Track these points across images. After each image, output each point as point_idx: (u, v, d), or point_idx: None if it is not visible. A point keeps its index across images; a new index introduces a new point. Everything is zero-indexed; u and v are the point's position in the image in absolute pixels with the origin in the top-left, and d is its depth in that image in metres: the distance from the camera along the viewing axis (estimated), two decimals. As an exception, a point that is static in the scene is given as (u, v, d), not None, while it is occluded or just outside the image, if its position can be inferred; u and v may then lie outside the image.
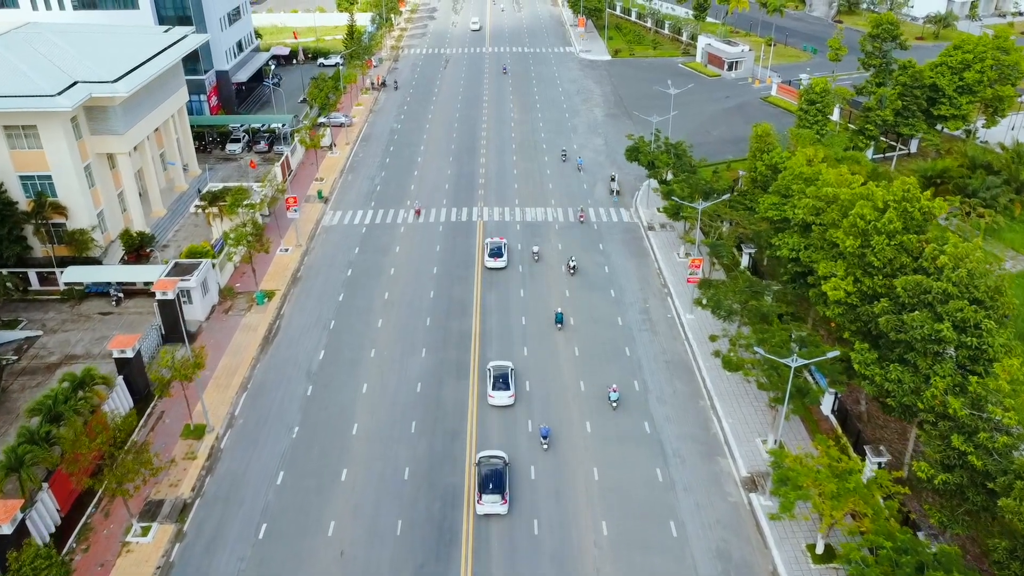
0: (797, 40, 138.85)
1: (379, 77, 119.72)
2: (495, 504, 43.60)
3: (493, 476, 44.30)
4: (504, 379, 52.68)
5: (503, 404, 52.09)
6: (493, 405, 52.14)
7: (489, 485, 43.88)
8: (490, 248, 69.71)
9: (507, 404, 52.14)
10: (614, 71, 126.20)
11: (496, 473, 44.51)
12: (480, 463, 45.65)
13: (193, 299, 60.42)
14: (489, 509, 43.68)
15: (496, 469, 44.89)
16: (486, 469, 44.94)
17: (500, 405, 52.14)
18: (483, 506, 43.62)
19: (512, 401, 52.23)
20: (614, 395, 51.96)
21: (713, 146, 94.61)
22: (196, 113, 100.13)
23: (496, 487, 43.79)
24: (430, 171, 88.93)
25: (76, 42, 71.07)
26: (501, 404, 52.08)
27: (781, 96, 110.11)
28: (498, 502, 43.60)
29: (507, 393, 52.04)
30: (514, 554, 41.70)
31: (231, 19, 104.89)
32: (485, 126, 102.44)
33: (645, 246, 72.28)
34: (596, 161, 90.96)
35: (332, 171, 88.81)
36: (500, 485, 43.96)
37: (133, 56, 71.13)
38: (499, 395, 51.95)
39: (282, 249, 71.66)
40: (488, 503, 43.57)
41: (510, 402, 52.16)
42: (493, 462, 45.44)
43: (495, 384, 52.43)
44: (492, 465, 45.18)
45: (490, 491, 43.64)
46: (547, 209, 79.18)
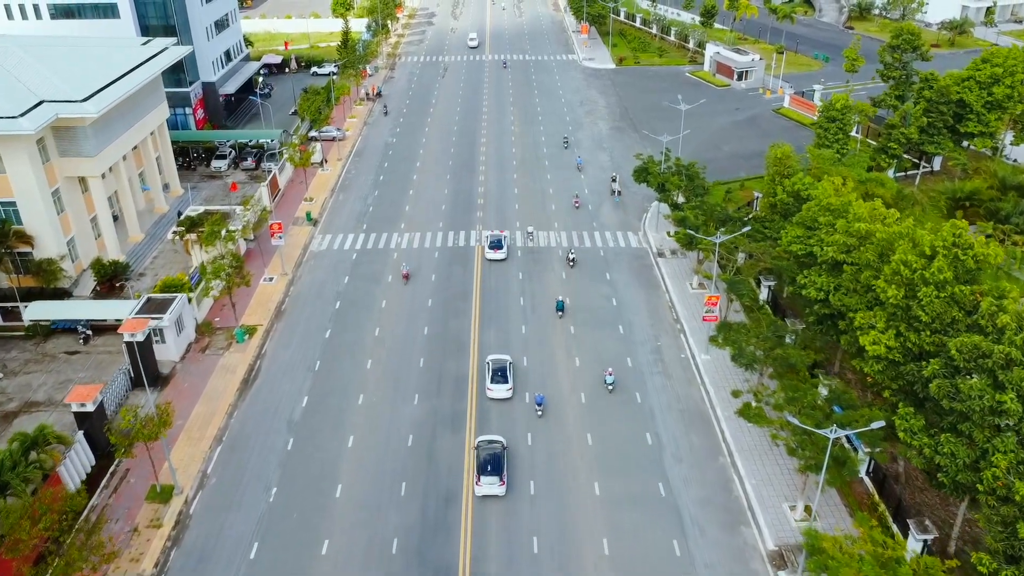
0: (808, 48, 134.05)
1: (374, 87, 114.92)
2: (493, 486, 44.28)
3: (492, 459, 45.01)
4: (503, 372, 53.06)
5: (501, 397, 52.39)
6: (492, 398, 52.45)
7: (488, 468, 44.60)
8: (490, 240, 70.44)
9: (505, 397, 52.40)
10: (619, 80, 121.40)
11: (495, 456, 45.22)
12: (479, 447, 46.23)
13: (166, 338, 55.64)
14: (487, 491, 44.34)
15: (495, 453, 45.54)
16: (485, 453, 45.50)
17: (498, 398, 52.42)
18: (481, 487, 44.36)
19: (510, 395, 52.43)
20: (609, 378, 53.11)
21: (724, 162, 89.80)
22: (181, 127, 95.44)
23: (494, 469, 44.51)
24: (426, 189, 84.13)
25: (46, 57, 66.36)
26: (499, 397, 52.39)
27: (794, 108, 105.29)
28: (496, 483, 44.31)
29: (505, 386, 52.35)
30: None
31: (218, 27, 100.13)
32: (484, 140, 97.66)
33: (655, 275, 67.47)
34: (601, 179, 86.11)
35: (322, 190, 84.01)
36: (498, 468, 44.68)
37: (107, 72, 66.44)
38: (497, 388, 52.41)
39: (266, 278, 66.85)
40: (486, 484, 44.28)
41: (508, 395, 52.41)
42: (492, 446, 46.10)
43: (494, 377, 52.82)
44: (491, 449, 45.84)
45: (488, 473, 44.37)
46: (550, 233, 74.35)
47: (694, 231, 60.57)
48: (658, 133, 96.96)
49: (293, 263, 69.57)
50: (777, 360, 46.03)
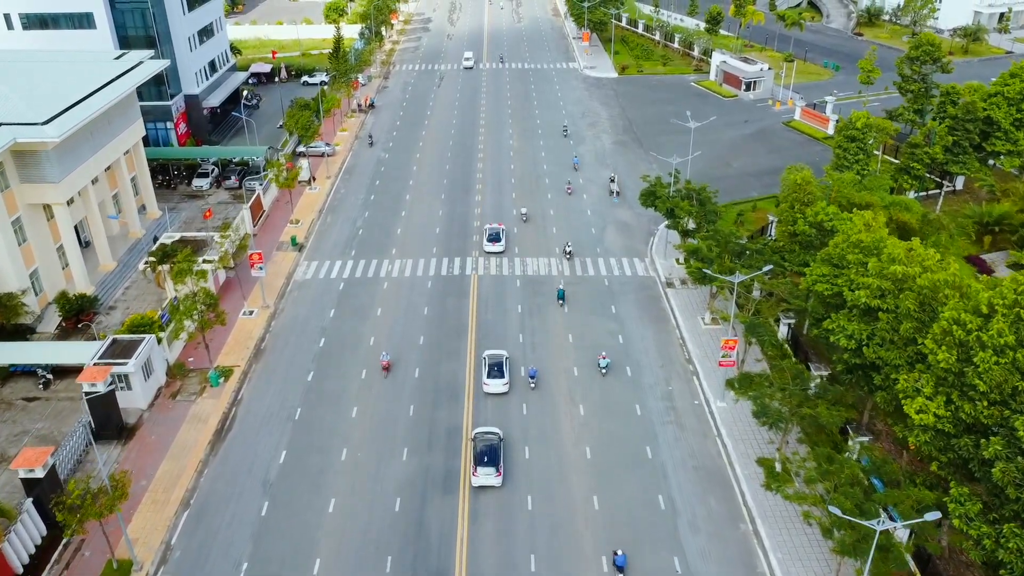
0: (817, 55, 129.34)
1: (367, 98, 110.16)
2: (489, 476, 44.59)
3: (488, 451, 45.25)
4: (499, 367, 53.19)
5: (497, 392, 52.57)
6: (488, 393, 52.53)
7: (484, 459, 44.86)
8: (488, 233, 71.67)
9: (502, 392, 52.52)
10: (621, 90, 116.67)
11: (491, 448, 45.41)
12: (476, 438, 46.48)
13: (132, 385, 50.88)
14: (484, 481, 44.66)
15: (491, 444, 45.76)
16: (482, 444, 45.79)
17: (494, 393, 52.61)
18: (478, 478, 44.59)
19: (506, 389, 52.60)
20: (603, 362, 54.34)
21: (734, 180, 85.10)
22: (162, 143, 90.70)
23: (491, 460, 44.74)
24: (419, 211, 79.37)
25: (7, 74, 61.62)
26: (495, 392, 52.59)
27: (805, 121, 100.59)
28: (492, 474, 44.58)
29: (501, 381, 52.43)
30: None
31: (202, 37, 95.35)
32: (481, 155, 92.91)
33: (664, 308, 62.74)
34: (605, 199, 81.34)
35: (309, 211, 79.22)
36: (495, 459, 44.89)
37: (73, 90, 61.68)
38: (494, 383, 52.53)
39: (246, 312, 62.10)
40: (483, 475, 44.55)
41: (504, 390, 52.56)
42: (488, 438, 46.26)
43: (490, 372, 52.93)
44: (487, 440, 46.03)
45: (485, 464, 44.65)
46: (551, 260, 69.61)
47: (708, 263, 55.87)
48: (664, 148, 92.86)
49: (276, 294, 64.80)
50: (806, 419, 41.31)
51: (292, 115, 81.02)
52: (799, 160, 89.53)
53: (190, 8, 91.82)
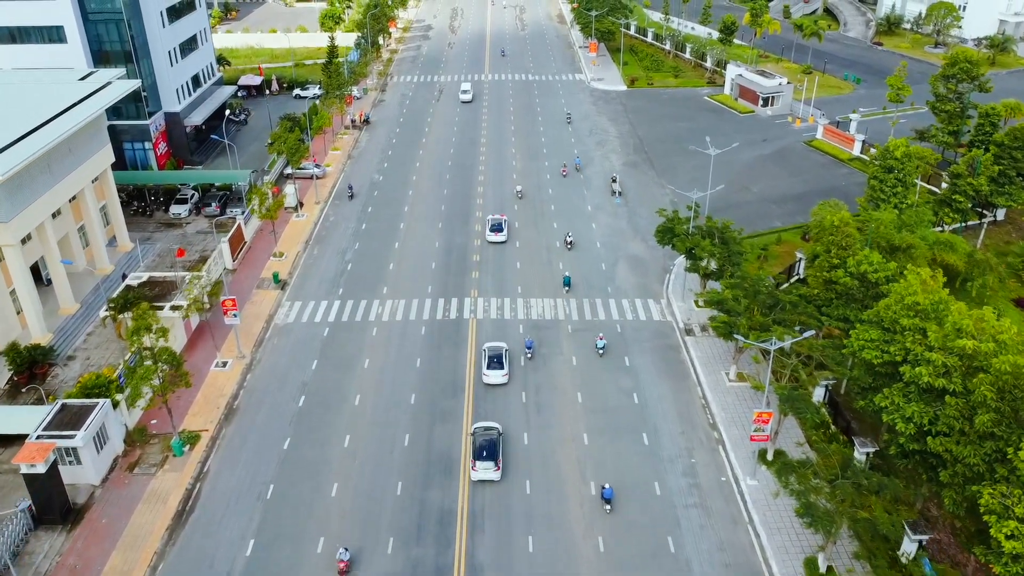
0: (836, 67, 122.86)
1: (361, 113, 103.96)
2: (488, 471, 44.72)
3: (487, 445, 45.39)
4: (499, 359, 53.64)
5: (497, 382, 53.10)
6: (487, 383, 53.10)
7: (483, 453, 44.91)
8: (491, 224, 72.99)
9: (501, 382, 53.05)
10: (631, 105, 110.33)
11: (490, 443, 45.62)
12: (475, 433, 46.71)
13: (83, 459, 44.77)
14: (483, 475, 44.81)
15: (490, 439, 45.92)
16: (481, 439, 45.90)
17: (494, 383, 53.16)
18: (477, 472, 44.71)
19: (506, 380, 53.13)
20: (600, 343, 55.87)
21: (755, 207, 78.80)
22: (141, 164, 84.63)
23: (490, 455, 44.85)
24: (414, 242, 73.12)
25: (-45, 99, 55.59)
26: (495, 382, 53.13)
27: (828, 140, 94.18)
28: (491, 469, 44.72)
29: (501, 372, 52.98)
30: None
31: (184, 51, 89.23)
32: (482, 178, 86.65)
33: (683, 360, 56.44)
34: (617, 229, 75.05)
35: (295, 242, 73.05)
36: (493, 453, 45.01)
37: (29, 117, 55.64)
38: (493, 374, 53.09)
39: (219, 363, 55.96)
40: (482, 469, 44.66)
41: (504, 380, 53.13)
42: (488, 432, 46.49)
43: (490, 364, 53.37)
44: (487, 435, 46.19)
45: (484, 459, 44.71)
46: (556, 301, 63.35)
47: (735, 316, 49.61)
48: (677, 170, 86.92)
49: (253, 341, 58.64)
50: (860, 523, 35.02)
51: (277, 137, 74.78)
52: (823, 184, 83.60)
53: (171, 20, 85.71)
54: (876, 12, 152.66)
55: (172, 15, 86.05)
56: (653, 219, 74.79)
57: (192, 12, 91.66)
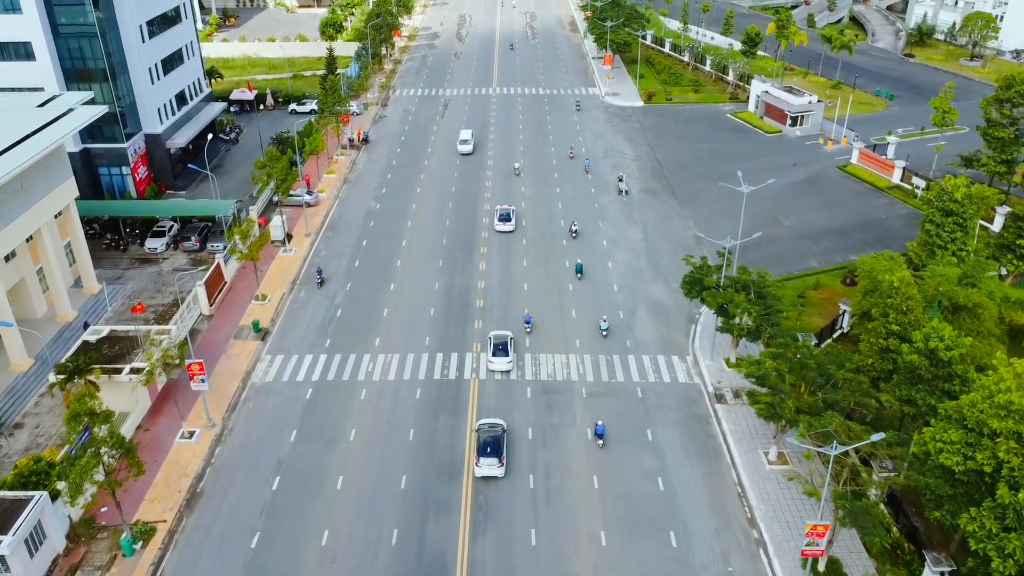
0: (866, 81, 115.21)
1: (359, 131, 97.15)
2: (492, 467, 44.63)
3: (492, 442, 45.35)
4: (504, 347, 54.53)
5: (502, 369, 54.08)
6: (493, 370, 54.10)
7: (487, 449, 44.94)
8: (499, 214, 74.02)
9: (506, 369, 54.03)
10: (648, 122, 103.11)
11: (495, 439, 45.55)
12: (480, 429, 46.67)
13: (12, 567, 38.02)
14: (486, 471, 44.67)
15: (495, 436, 45.86)
16: (485, 435, 45.85)
17: (499, 370, 54.13)
18: (480, 468, 44.63)
19: (511, 367, 54.06)
20: (604, 324, 57.66)
21: (788, 244, 71.52)
22: (119, 191, 78.12)
23: (494, 451, 44.86)
24: (411, 283, 66.20)
25: None
26: (500, 369, 54.10)
27: (864, 165, 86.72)
28: (495, 465, 44.64)
29: (506, 359, 53.89)
30: None
31: (167, 67, 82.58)
32: (487, 206, 79.66)
33: (714, 434, 49.29)
34: (635, 268, 67.91)
35: (280, 282, 66.26)
36: (497, 450, 45.01)
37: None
38: (498, 361, 53.97)
39: (184, 433, 49.21)
40: (485, 465, 44.59)
41: (509, 367, 54.05)
42: (493, 429, 46.40)
43: (495, 351, 54.31)
44: (491, 432, 46.13)
45: (488, 455, 44.71)
46: (569, 357, 56.30)
47: (780, 396, 42.48)
48: (701, 199, 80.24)
49: (226, 404, 51.84)
50: None
51: (262, 165, 67.95)
52: (862, 217, 76.38)
53: (152, 34, 79.13)
54: (906, 22, 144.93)
55: (153, 29, 79.47)
56: (675, 256, 68.22)
57: (176, 25, 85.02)
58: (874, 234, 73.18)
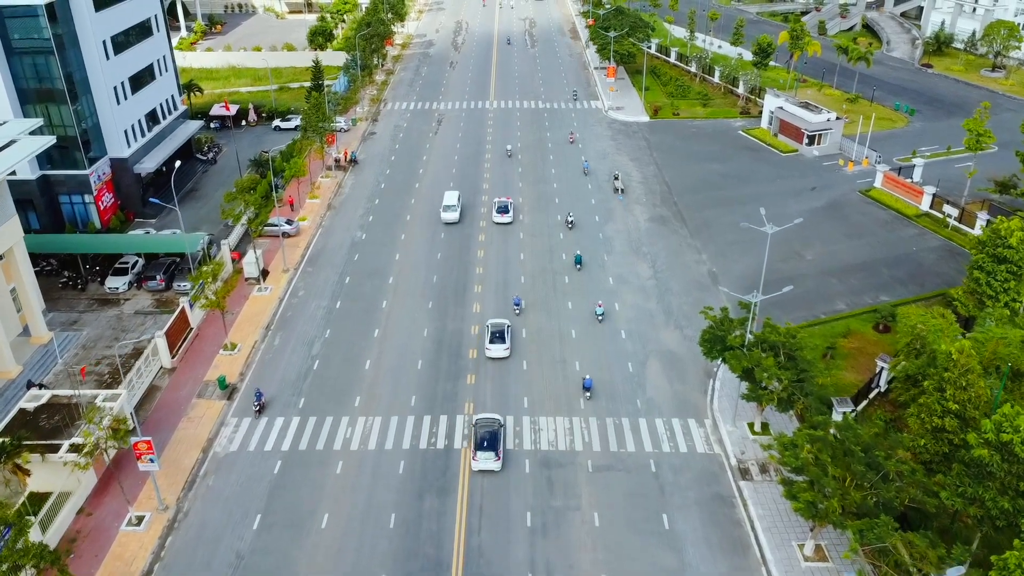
0: (883, 93, 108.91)
1: (346, 151, 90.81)
2: (488, 461, 44.94)
3: (489, 436, 45.50)
4: (500, 334, 55.18)
5: (499, 356, 54.73)
6: (490, 357, 54.86)
7: (484, 444, 45.13)
8: (497, 206, 74.89)
9: (503, 356, 54.65)
10: (655, 140, 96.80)
11: (492, 434, 45.66)
12: (477, 424, 46.86)
13: None
14: (483, 465, 44.96)
15: (492, 430, 46.07)
16: (483, 430, 46.16)
17: (496, 357, 54.84)
18: (477, 462, 44.83)
19: (507, 354, 54.79)
20: (600, 310, 58.79)
21: (811, 281, 65.14)
22: (81, 221, 71.88)
23: (491, 446, 45.05)
24: (398, 329, 59.86)
25: None
26: (497, 356, 54.78)
27: (889, 190, 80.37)
28: (492, 458, 44.95)
29: (503, 346, 54.61)
30: None
31: (136, 85, 76.26)
32: (483, 237, 73.34)
33: (739, 519, 42.97)
34: (645, 311, 61.54)
35: (253, 327, 59.96)
36: (494, 444, 45.18)
37: None
38: (495, 348, 54.72)
39: (131, 520, 42.89)
40: (482, 459, 44.82)
41: (505, 354, 54.76)
42: (490, 424, 46.53)
43: (492, 338, 55.00)
44: (489, 426, 46.39)
45: (485, 449, 44.94)
46: (573, 421, 50.01)
47: (819, 490, 36.20)
48: (714, 227, 74.45)
49: (183, 481, 45.54)
50: None
51: (232, 197, 61.56)
52: (891, 250, 70.26)
53: (117, 50, 72.84)
54: (922, 30, 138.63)
55: (119, 45, 73.17)
56: (687, 297, 62.49)
57: (147, 39, 78.72)
58: (905, 270, 66.94)
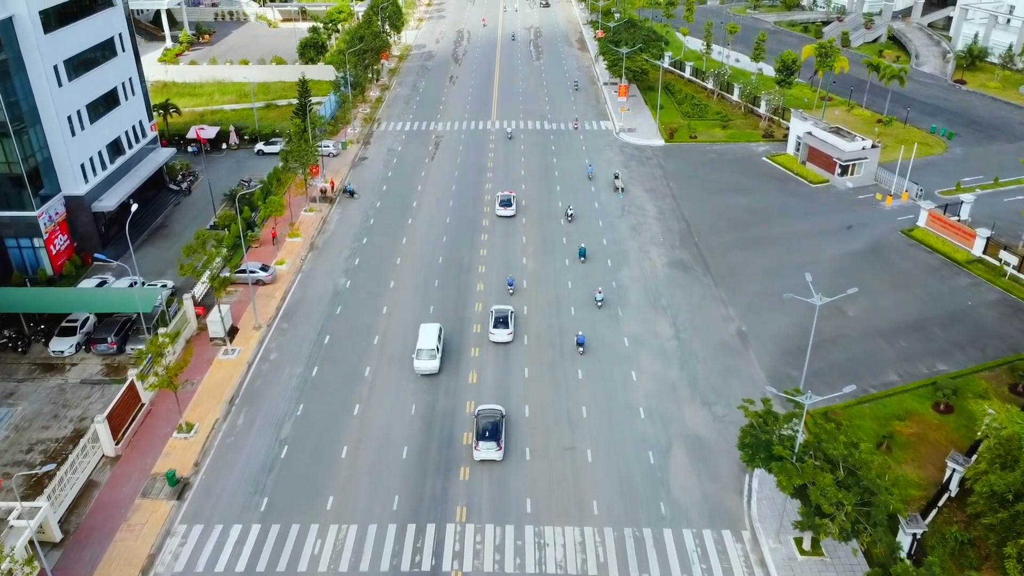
0: (918, 114, 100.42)
1: (332, 181, 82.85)
2: (491, 451, 45.32)
3: (491, 427, 45.98)
4: (504, 320, 57.01)
5: (503, 340, 56.55)
6: (493, 341, 56.65)
7: (486, 433, 45.58)
8: (500, 199, 76.54)
9: (506, 341, 56.52)
10: (671, 168, 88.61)
11: (494, 424, 46.18)
12: (479, 415, 47.25)
13: None
14: (485, 455, 45.34)
15: (494, 420, 46.51)
16: (485, 420, 46.54)
17: (500, 341, 56.61)
18: (480, 452, 45.34)
19: (511, 338, 56.56)
20: (599, 296, 60.94)
21: (857, 346, 56.98)
22: (30, 267, 64.10)
23: (492, 436, 45.53)
24: (381, 405, 51.71)
25: None
26: (500, 340, 56.59)
27: (934, 230, 72.05)
28: (493, 448, 45.29)
29: (506, 331, 56.48)
30: None
31: (96, 113, 68.42)
32: (480, 286, 65.26)
33: (792, 677, 34.93)
34: (666, 382, 53.31)
35: (214, 401, 51.93)
36: (496, 434, 45.66)
37: None
38: (499, 332, 56.50)
39: (45, 675, 34.98)
40: (484, 449, 45.28)
41: (509, 339, 56.56)
42: (492, 414, 47.07)
43: (496, 323, 56.83)
44: (491, 417, 46.85)
45: (487, 439, 45.39)
46: (584, 532, 41.90)
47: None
48: (741, 274, 66.74)
49: (113, 615, 37.59)
50: None
51: (192, 250, 53.39)
52: (944, 305, 62.23)
53: (73, 75, 64.95)
54: (952, 42, 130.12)
55: (75, 68, 65.34)
56: (716, 365, 55.00)
57: (109, 60, 70.80)
58: (961, 331, 58.69)
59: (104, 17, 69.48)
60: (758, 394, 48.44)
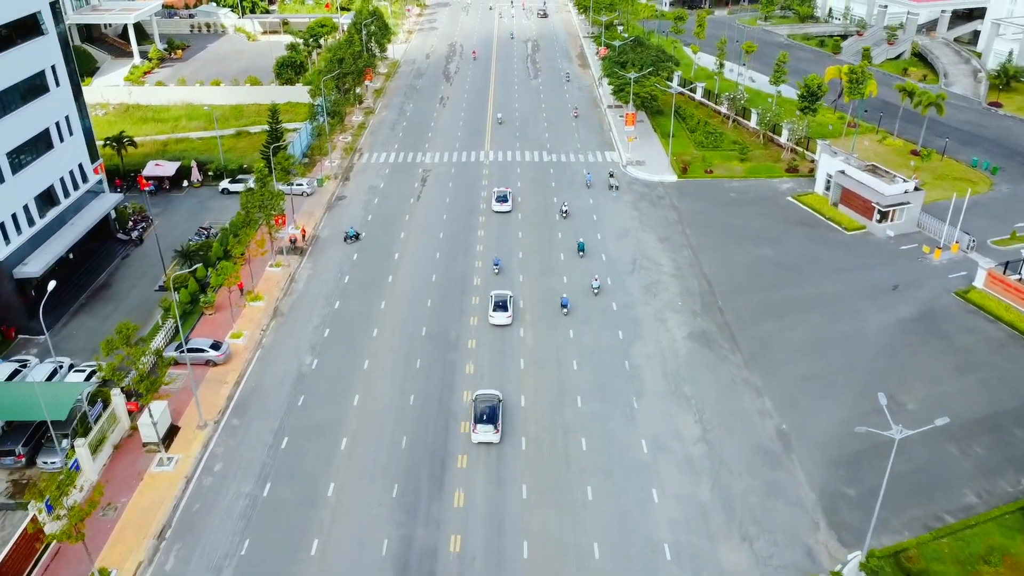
0: (954, 144, 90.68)
1: (303, 229, 72.98)
2: (488, 433, 46.23)
3: (488, 410, 46.93)
4: (504, 304, 58.41)
5: (502, 323, 57.95)
6: (493, 324, 57.96)
7: (484, 417, 46.54)
8: (497, 195, 77.17)
9: (505, 324, 57.88)
10: (686, 208, 78.89)
11: (491, 408, 47.16)
12: (477, 399, 48.24)
13: None
14: (483, 437, 46.36)
15: (491, 404, 47.46)
16: (482, 404, 47.50)
17: (499, 324, 58.01)
18: (477, 434, 46.35)
19: (509, 321, 57.84)
20: (596, 283, 62.06)
21: (923, 453, 47.23)
22: (-65, 345, 54.07)
23: (490, 419, 46.43)
24: (345, 540, 41.80)
25: None
26: (500, 323, 57.99)
27: (994, 293, 62.42)
28: (491, 431, 46.22)
29: (505, 314, 57.78)
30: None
31: (20, 162, 58.49)
32: (470, 367, 55.44)
33: None
34: (698, 508, 43.55)
35: (138, 539, 41.88)
36: (494, 418, 46.61)
37: None
38: (498, 315, 57.80)
39: None
40: (482, 432, 46.23)
41: (508, 322, 57.84)
42: (489, 398, 48.18)
43: (495, 307, 58.25)
44: (488, 401, 47.89)
45: (484, 422, 46.34)
46: None
47: None
48: (775, 349, 56.70)
49: None
50: None
51: (111, 348, 43.14)
52: (1018, 390, 51.83)
53: (-9, 117, 55.16)
54: (983, 59, 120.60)
55: None
56: (754, 480, 46.07)
57: (37, 99, 60.81)
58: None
59: (29, 49, 59.49)
60: (808, 527, 39.27)
